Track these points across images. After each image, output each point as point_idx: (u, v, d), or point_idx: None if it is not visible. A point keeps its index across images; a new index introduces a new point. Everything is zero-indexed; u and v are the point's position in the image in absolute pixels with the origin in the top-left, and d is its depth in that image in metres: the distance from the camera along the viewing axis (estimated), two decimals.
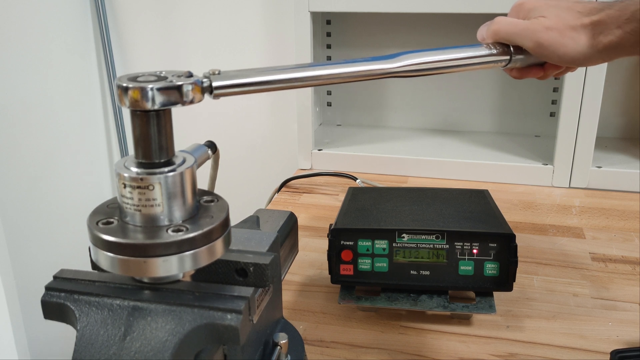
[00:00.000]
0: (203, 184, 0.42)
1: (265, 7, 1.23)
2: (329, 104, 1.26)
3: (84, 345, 0.33)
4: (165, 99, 0.33)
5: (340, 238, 0.62)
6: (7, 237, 1.12)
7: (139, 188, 0.34)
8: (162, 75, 0.34)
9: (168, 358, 0.32)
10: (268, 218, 0.54)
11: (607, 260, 0.76)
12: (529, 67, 0.57)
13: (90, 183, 1.40)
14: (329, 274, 0.63)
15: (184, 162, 0.36)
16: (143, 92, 0.32)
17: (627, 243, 0.80)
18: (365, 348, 0.60)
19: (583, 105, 0.94)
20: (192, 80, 0.34)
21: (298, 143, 1.09)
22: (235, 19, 1.26)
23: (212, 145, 0.45)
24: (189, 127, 1.29)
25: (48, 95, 1.25)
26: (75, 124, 1.34)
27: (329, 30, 1.18)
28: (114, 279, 0.36)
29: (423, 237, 0.61)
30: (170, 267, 0.33)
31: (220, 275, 0.39)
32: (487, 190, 0.73)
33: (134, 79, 0.33)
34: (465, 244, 0.61)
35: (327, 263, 0.62)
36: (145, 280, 0.36)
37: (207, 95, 0.37)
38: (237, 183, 1.36)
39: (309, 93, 1.05)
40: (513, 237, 0.59)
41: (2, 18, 1.11)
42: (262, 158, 1.36)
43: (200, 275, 0.38)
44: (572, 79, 0.93)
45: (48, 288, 0.36)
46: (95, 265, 0.35)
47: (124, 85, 0.32)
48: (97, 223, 0.34)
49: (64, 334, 0.63)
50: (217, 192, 0.39)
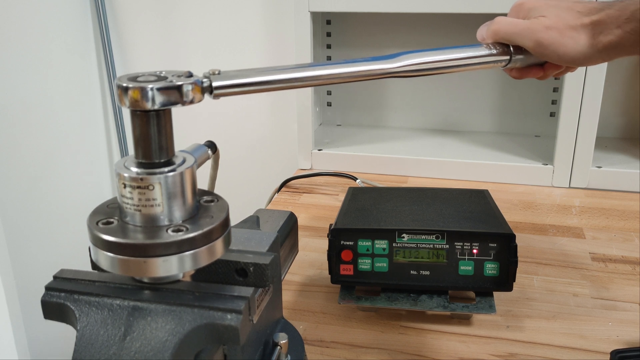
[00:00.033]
0: (203, 184, 0.42)
1: (265, 7, 1.23)
2: (329, 104, 1.26)
3: (84, 345, 0.33)
4: (165, 99, 0.33)
5: (340, 238, 0.62)
6: (7, 237, 1.12)
7: (139, 188, 0.34)
8: (162, 75, 0.34)
9: (168, 358, 0.32)
10: (268, 218, 0.54)
11: (607, 260, 0.76)
12: (529, 67, 0.57)
13: (90, 183, 1.40)
14: (329, 274, 0.63)
15: (184, 162, 0.36)
16: (143, 92, 0.32)
17: (627, 243, 0.80)
18: (365, 348, 0.60)
19: (583, 105, 0.94)
20: (192, 80, 0.34)
21: (298, 143, 1.09)
22: (235, 19, 1.26)
23: (212, 145, 0.45)
24: (189, 127, 1.29)
25: (48, 95, 1.25)
26: (75, 124, 1.34)
27: (329, 30, 1.18)
28: (114, 279, 0.36)
29: (423, 237, 0.61)
30: (170, 267, 0.33)
31: (220, 275, 0.39)
32: (487, 190, 0.73)
33: (134, 79, 0.33)
34: (465, 244, 0.61)
35: (327, 263, 0.62)
36: (145, 280, 0.36)
37: (207, 95, 0.37)
38: (237, 183, 1.36)
39: (309, 93, 1.05)
40: (513, 237, 0.59)
41: (2, 18, 1.11)
42: (262, 158, 1.36)
43: (200, 275, 0.38)
44: (572, 79, 0.93)
45: (48, 288, 0.36)
46: (95, 265, 0.35)
47: (124, 85, 0.32)
48: (97, 223, 0.34)
49: (64, 334, 0.63)
50: (217, 192, 0.39)
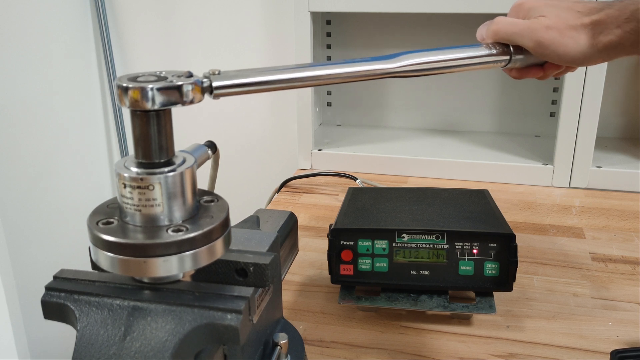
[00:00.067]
0: (203, 184, 0.42)
1: (265, 7, 1.23)
2: (329, 104, 1.26)
3: (84, 345, 0.33)
4: (165, 99, 0.33)
5: (340, 238, 0.62)
6: (7, 237, 1.12)
7: (139, 188, 0.34)
8: (162, 75, 0.34)
9: (168, 358, 0.32)
10: (268, 218, 0.54)
11: (607, 260, 0.76)
12: (529, 67, 0.57)
13: (90, 183, 1.40)
14: (329, 274, 0.63)
15: (184, 162, 0.36)
16: (143, 92, 0.32)
17: (627, 243, 0.80)
18: (365, 348, 0.60)
19: (583, 105, 0.94)
20: (192, 80, 0.34)
21: (298, 143, 1.09)
22: (235, 19, 1.26)
23: (212, 145, 0.45)
24: (189, 127, 1.29)
25: (48, 95, 1.25)
26: (75, 124, 1.34)
27: (329, 30, 1.18)
28: (114, 279, 0.36)
29: (423, 237, 0.61)
30: (171, 267, 0.33)
31: (220, 275, 0.39)
32: (487, 190, 0.73)
33: (134, 79, 0.33)
34: (465, 244, 0.61)
35: (327, 263, 0.62)
36: (145, 280, 0.36)
37: (207, 95, 0.37)
38: (237, 183, 1.36)
39: (309, 93, 1.05)
40: (513, 237, 0.59)
41: (2, 18, 1.11)
42: (262, 158, 1.36)
43: (200, 275, 0.38)
44: (572, 79, 0.93)
45: (48, 288, 0.36)
46: (95, 265, 0.35)
47: (124, 85, 0.32)
48: (97, 223, 0.34)
49: (64, 334, 0.63)
50: (217, 192, 0.39)
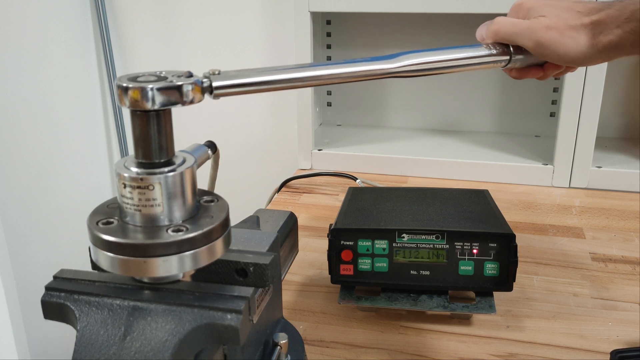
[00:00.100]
0: (203, 184, 0.42)
1: (265, 7, 1.23)
2: (329, 104, 1.26)
3: (84, 345, 0.33)
4: (165, 99, 0.33)
5: (340, 238, 0.62)
6: (7, 237, 1.12)
7: (139, 188, 0.34)
8: (162, 75, 0.34)
9: (168, 358, 0.32)
10: (268, 218, 0.54)
11: (607, 260, 0.76)
12: (529, 67, 0.57)
13: (90, 183, 1.40)
14: (329, 274, 0.63)
15: (184, 162, 0.36)
16: (143, 92, 0.32)
17: (627, 243, 0.80)
18: (365, 348, 0.60)
19: (583, 105, 0.94)
20: (192, 80, 0.34)
21: (298, 143, 1.09)
22: (235, 19, 1.26)
23: (212, 145, 0.45)
24: (189, 127, 1.29)
25: (48, 95, 1.25)
26: (75, 124, 1.34)
27: (329, 30, 1.18)
28: (114, 279, 0.36)
29: (423, 237, 0.61)
30: (170, 267, 0.33)
31: (220, 275, 0.39)
32: (487, 190, 0.73)
33: (134, 79, 0.33)
34: (465, 244, 0.61)
35: (327, 263, 0.62)
36: (145, 280, 0.36)
37: (207, 95, 0.37)
38: (237, 183, 1.36)
39: (309, 93, 1.05)
40: (513, 237, 0.59)
41: (2, 18, 1.11)
42: (262, 158, 1.36)
43: (200, 275, 0.38)
44: (572, 79, 0.93)
45: (48, 288, 0.36)
46: (95, 265, 0.35)
47: (124, 85, 0.32)
48: (97, 223, 0.34)
49: (64, 334, 0.63)
50: (217, 192, 0.39)
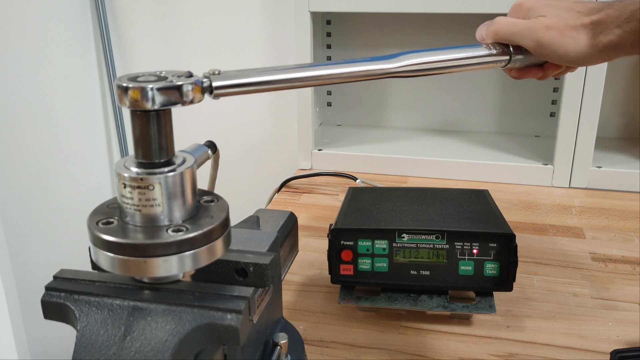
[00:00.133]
0: (203, 184, 0.42)
1: (265, 7, 1.23)
2: (329, 104, 1.26)
3: (84, 345, 0.33)
4: (165, 99, 0.33)
5: (340, 238, 0.62)
6: (7, 237, 1.12)
7: (139, 188, 0.34)
8: (162, 75, 0.34)
9: (168, 358, 0.32)
10: (268, 218, 0.54)
11: (607, 260, 0.76)
12: (528, 67, 0.57)
13: (90, 183, 1.40)
14: (329, 274, 0.63)
15: (184, 162, 0.36)
16: (143, 92, 0.32)
17: (627, 243, 0.80)
18: (365, 348, 0.60)
19: (583, 105, 0.94)
20: (192, 80, 0.34)
21: (298, 143, 1.09)
22: (235, 19, 1.26)
23: (212, 145, 0.45)
24: (189, 127, 1.29)
25: (48, 95, 1.25)
26: (76, 124, 1.34)
27: (329, 30, 1.18)
28: (114, 279, 0.36)
29: (423, 237, 0.61)
30: (170, 267, 0.33)
31: (220, 275, 0.39)
32: (487, 190, 0.73)
33: (134, 79, 0.33)
34: (465, 244, 0.61)
35: (327, 263, 0.62)
36: (145, 280, 0.36)
37: (207, 95, 0.37)
38: (237, 183, 1.36)
39: (309, 93, 1.05)
40: (513, 237, 0.59)
41: (2, 18, 1.11)
42: (262, 158, 1.36)
43: (200, 275, 0.38)
44: (572, 79, 0.93)
45: (48, 288, 0.36)
46: (95, 265, 0.35)
47: (124, 85, 0.32)
48: (97, 223, 0.34)
49: (64, 334, 0.63)
50: (217, 192, 0.39)
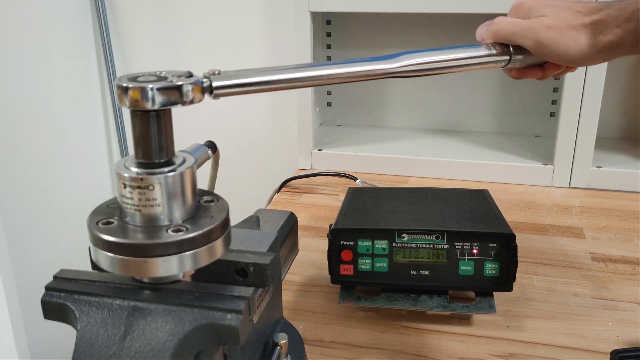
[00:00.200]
0: (203, 184, 0.42)
1: (265, 7, 1.23)
2: (329, 104, 1.26)
3: (84, 345, 0.33)
4: (165, 99, 0.33)
5: (340, 238, 0.62)
6: (7, 237, 1.12)
7: (139, 188, 0.34)
8: (162, 75, 0.34)
9: (168, 358, 0.32)
10: (268, 218, 0.54)
11: (607, 260, 0.76)
12: (528, 67, 0.57)
13: (90, 183, 1.40)
14: (329, 274, 0.63)
15: (184, 162, 0.36)
16: (143, 92, 0.32)
17: (627, 243, 0.80)
18: (365, 348, 0.60)
19: (583, 105, 0.94)
20: (192, 80, 0.34)
21: (298, 143, 1.09)
22: (235, 19, 1.26)
23: (212, 145, 0.45)
24: (189, 127, 1.29)
25: (48, 95, 1.25)
26: (76, 124, 1.34)
27: (329, 30, 1.18)
28: (114, 279, 0.36)
29: (423, 237, 0.61)
30: (170, 267, 0.33)
31: (220, 275, 0.39)
32: (487, 190, 0.73)
33: (134, 79, 0.33)
34: (465, 244, 0.61)
35: (327, 263, 0.62)
36: (145, 280, 0.36)
37: (207, 95, 0.37)
38: (237, 183, 1.36)
39: (309, 93, 1.05)
40: (513, 237, 0.59)
41: (2, 18, 1.11)
42: (262, 158, 1.36)
43: (200, 275, 0.38)
44: (572, 79, 0.93)
45: (48, 288, 0.36)
46: (95, 265, 0.35)
47: (124, 85, 0.32)
48: (97, 223, 0.34)
49: (64, 334, 0.63)
50: (217, 192, 0.39)
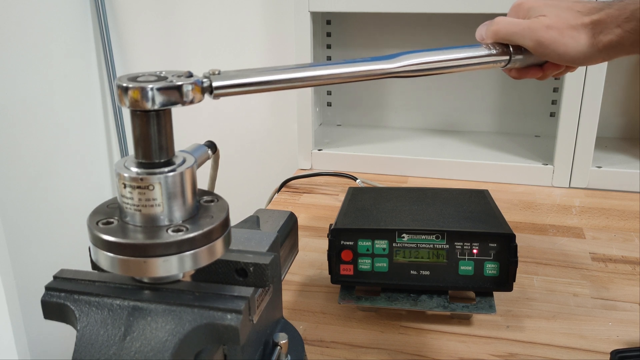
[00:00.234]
0: (203, 184, 0.42)
1: (265, 7, 1.23)
2: (329, 104, 1.26)
3: (84, 345, 0.33)
4: (165, 99, 0.33)
5: (340, 238, 0.62)
6: (7, 237, 1.12)
7: (139, 188, 0.34)
8: (162, 75, 0.34)
9: (168, 358, 0.32)
10: (268, 218, 0.54)
11: (607, 260, 0.76)
12: (528, 67, 0.57)
13: (90, 183, 1.40)
14: (329, 274, 0.63)
15: (184, 162, 0.36)
16: (143, 92, 0.32)
17: (627, 243, 0.80)
18: (365, 348, 0.60)
19: (583, 105, 0.94)
20: (192, 80, 0.34)
21: (298, 143, 1.09)
22: (235, 19, 1.26)
23: (212, 145, 0.45)
24: (189, 127, 1.29)
25: (48, 95, 1.25)
26: (76, 124, 1.34)
27: (329, 30, 1.18)
28: (114, 279, 0.36)
29: (423, 237, 0.61)
30: (170, 267, 0.33)
31: (220, 275, 0.39)
32: (487, 190, 0.73)
33: (134, 79, 0.33)
34: (465, 244, 0.61)
35: (327, 263, 0.62)
36: (145, 280, 0.36)
37: (207, 95, 0.37)
38: (237, 183, 1.36)
39: (309, 93, 1.05)
40: (513, 237, 0.59)
41: (2, 18, 1.11)
42: (262, 158, 1.36)
43: (200, 275, 0.38)
44: (572, 79, 0.93)
45: (48, 288, 0.36)
46: (95, 265, 0.35)
47: (124, 85, 0.32)
48: (97, 223, 0.34)
49: (64, 334, 0.63)
50: (217, 192, 0.39)
